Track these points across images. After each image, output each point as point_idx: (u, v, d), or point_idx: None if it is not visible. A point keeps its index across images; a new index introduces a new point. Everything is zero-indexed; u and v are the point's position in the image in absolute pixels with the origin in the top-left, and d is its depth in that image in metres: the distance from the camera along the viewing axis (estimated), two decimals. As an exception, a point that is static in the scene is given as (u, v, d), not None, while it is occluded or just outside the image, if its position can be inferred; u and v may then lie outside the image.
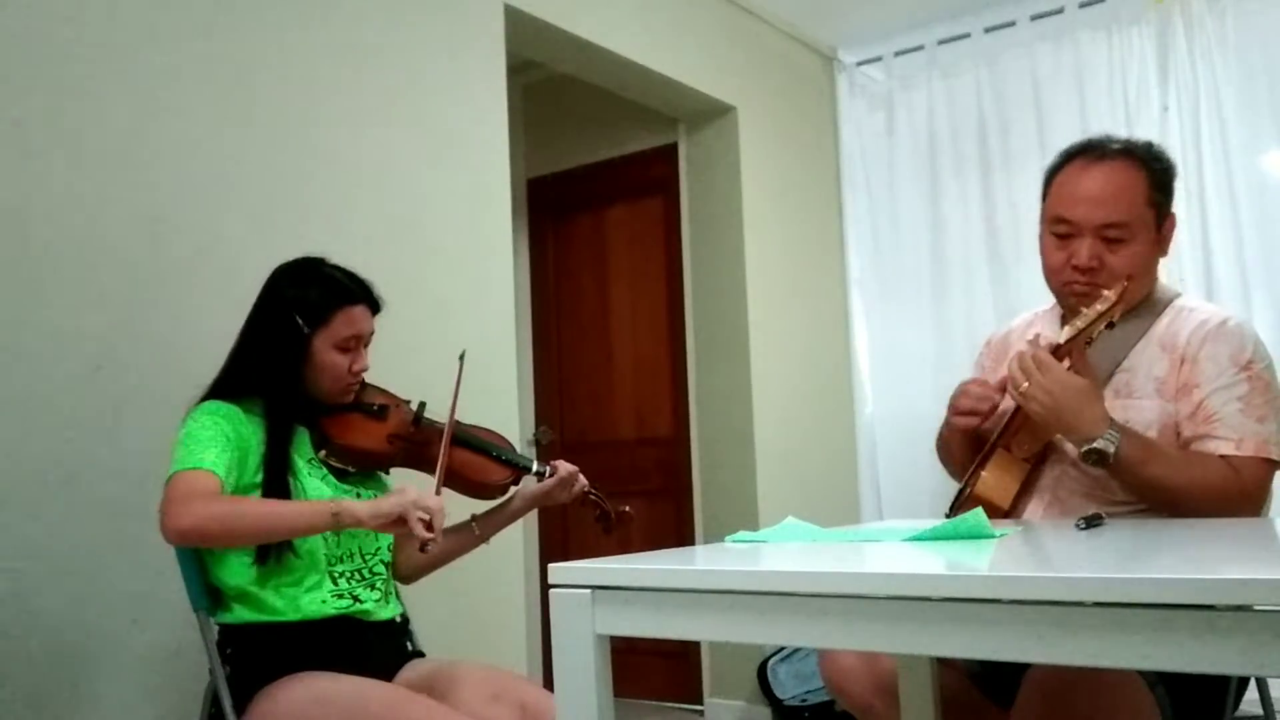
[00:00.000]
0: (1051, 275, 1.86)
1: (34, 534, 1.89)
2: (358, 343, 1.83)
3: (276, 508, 1.65)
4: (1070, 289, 1.82)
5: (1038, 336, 1.89)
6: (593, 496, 1.99)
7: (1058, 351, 1.74)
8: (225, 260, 2.23)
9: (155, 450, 1.87)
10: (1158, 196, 1.80)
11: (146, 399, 2.05)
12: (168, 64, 2.19)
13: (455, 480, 1.91)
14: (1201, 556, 1.13)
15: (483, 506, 2.00)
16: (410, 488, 1.67)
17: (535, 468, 1.95)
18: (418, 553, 1.96)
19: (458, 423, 1.91)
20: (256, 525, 1.61)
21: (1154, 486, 1.69)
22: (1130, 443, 1.67)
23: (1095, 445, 1.65)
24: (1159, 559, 1.12)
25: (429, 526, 1.62)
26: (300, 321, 1.77)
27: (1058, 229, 1.82)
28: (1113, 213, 1.76)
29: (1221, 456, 1.70)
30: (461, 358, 1.92)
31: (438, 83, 2.79)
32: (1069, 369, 1.72)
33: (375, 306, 1.86)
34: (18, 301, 1.91)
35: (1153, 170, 1.80)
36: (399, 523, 1.62)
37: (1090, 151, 1.82)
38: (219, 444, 1.66)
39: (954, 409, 1.90)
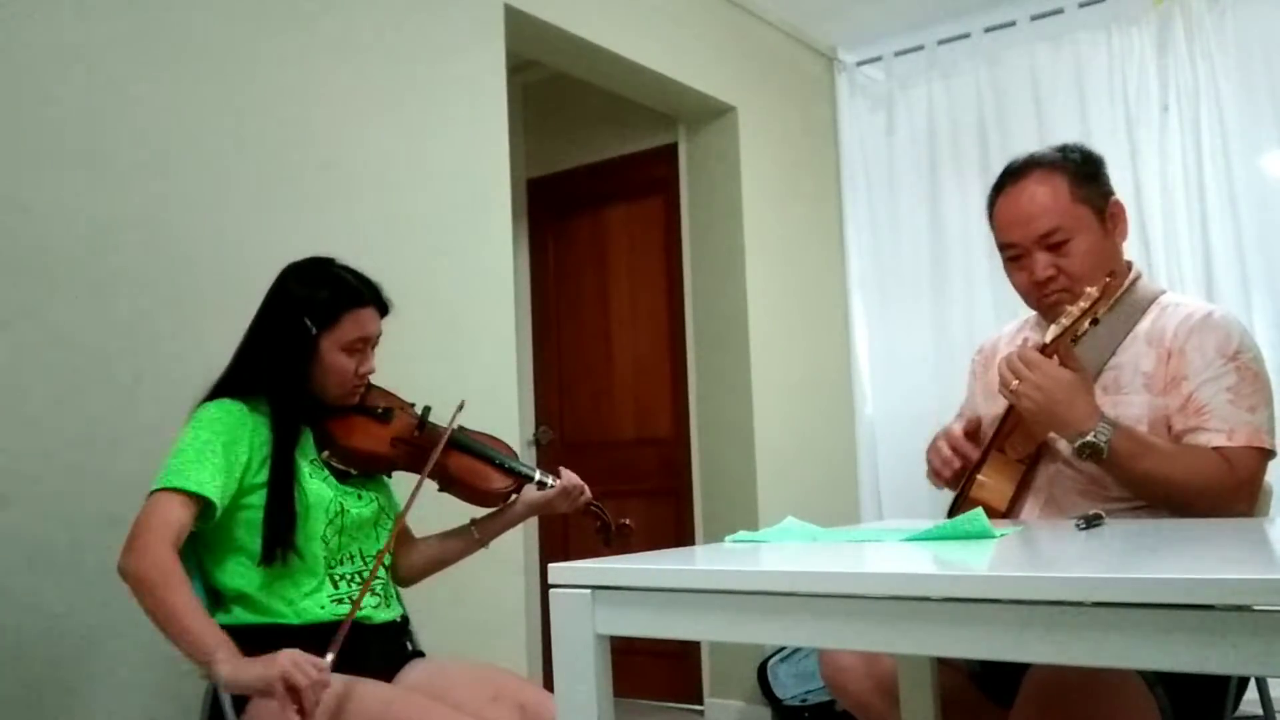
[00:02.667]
0: (1024, 296, 1.93)
1: (35, 534, 1.89)
2: (365, 345, 1.82)
3: (184, 615, 1.54)
4: (1044, 302, 1.87)
5: (1026, 340, 1.91)
6: (594, 508, 1.99)
7: (1044, 350, 1.75)
8: (226, 262, 2.23)
9: (155, 451, 1.87)
10: (1082, 191, 1.84)
11: (146, 400, 2.05)
12: (168, 67, 2.19)
13: (456, 486, 1.92)
14: (1201, 556, 1.13)
15: (483, 510, 2.00)
16: (285, 653, 1.47)
17: (538, 477, 1.95)
18: (416, 555, 1.98)
19: (461, 428, 1.92)
20: (161, 616, 1.55)
21: (1148, 480, 1.70)
22: (1122, 436, 1.67)
23: (1088, 439, 1.66)
24: (1159, 559, 1.12)
25: (300, 701, 1.43)
26: (308, 323, 1.76)
27: (1008, 254, 1.90)
28: (1043, 223, 1.82)
29: (1215, 448, 1.70)
30: (460, 407, 1.91)
31: (438, 83, 2.79)
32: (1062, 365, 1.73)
33: (384, 309, 1.85)
34: (19, 304, 1.91)
35: (1069, 169, 1.85)
36: (264, 694, 1.47)
37: (1009, 176, 1.91)
38: (213, 455, 1.64)
39: (928, 461, 1.95)
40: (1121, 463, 1.68)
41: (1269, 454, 1.73)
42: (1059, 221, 1.81)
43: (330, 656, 1.53)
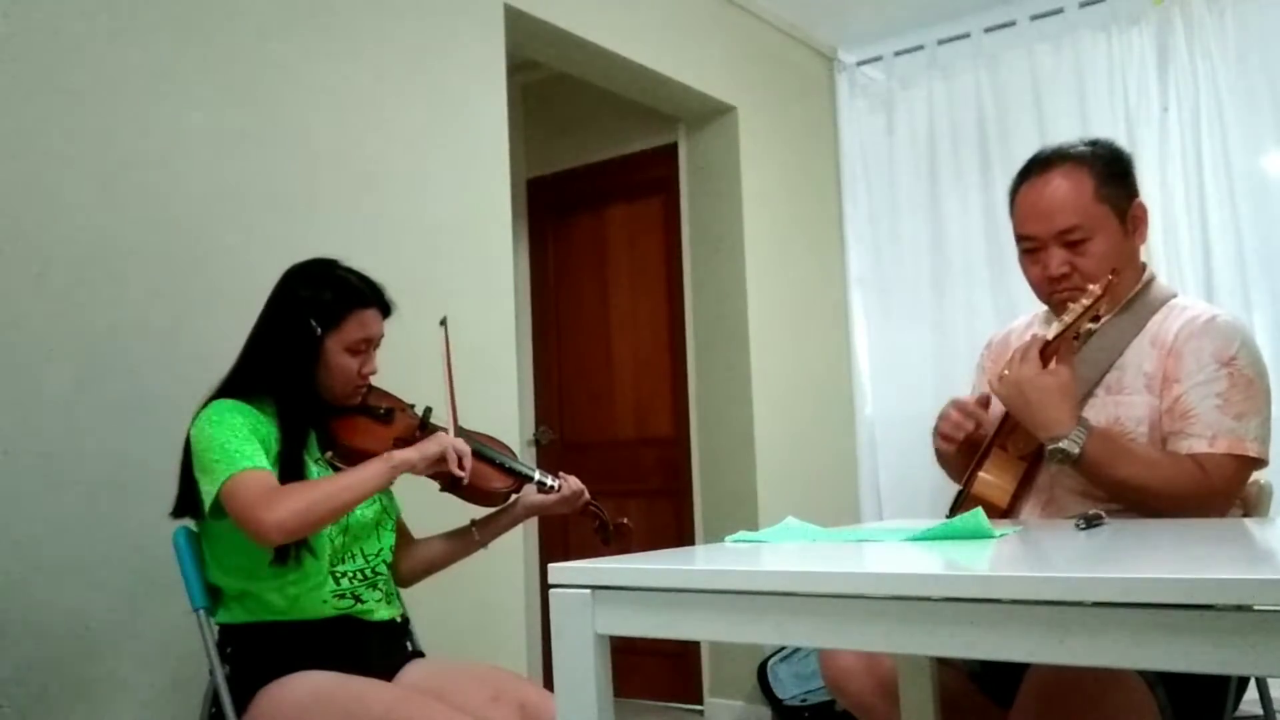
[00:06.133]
0: (1035, 289, 1.92)
1: (36, 535, 1.89)
2: (368, 345, 1.83)
3: (343, 481, 1.69)
4: (1054, 298, 1.86)
5: (1034, 337, 1.90)
6: (592, 508, 2.00)
7: (1047, 348, 1.75)
8: (226, 261, 2.23)
9: (158, 452, 1.87)
10: (1107, 190, 1.82)
11: (149, 400, 2.05)
12: (168, 68, 2.19)
13: (456, 487, 1.91)
14: (1201, 556, 1.13)
15: (483, 511, 2.00)
16: (441, 434, 1.82)
17: (537, 477, 1.95)
18: (416, 556, 1.98)
19: (461, 428, 1.92)
20: (338, 502, 1.66)
21: (1121, 486, 1.70)
22: (1097, 444, 1.68)
23: (1059, 445, 1.68)
24: (1159, 559, 1.12)
25: (462, 466, 1.79)
26: (313, 323, 1.77)
27: (1024, 245, 1.88)
28: (1062, 220, 1.81)
29: (1192, 455, 1.71)
30: (443, 323, 1.93)
31: (438, 83, 2.79)
32: (1056, 364, 1.73)
33: (386, 310, 1.86)
34: (20, 302, 1.91)
35: (1096, 167, 1.83)
36: (440, 461, 1.77)
37: (1034, 166, 1.88)
38: (252, 441, 1.67)
39: (936, 431, 1.93)
40: (1095, 468, 1.69)
41: (1253, 462, 1.73)
42: (1079, 220, 1.80)
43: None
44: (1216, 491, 1.70)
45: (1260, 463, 1.74)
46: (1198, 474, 1.69)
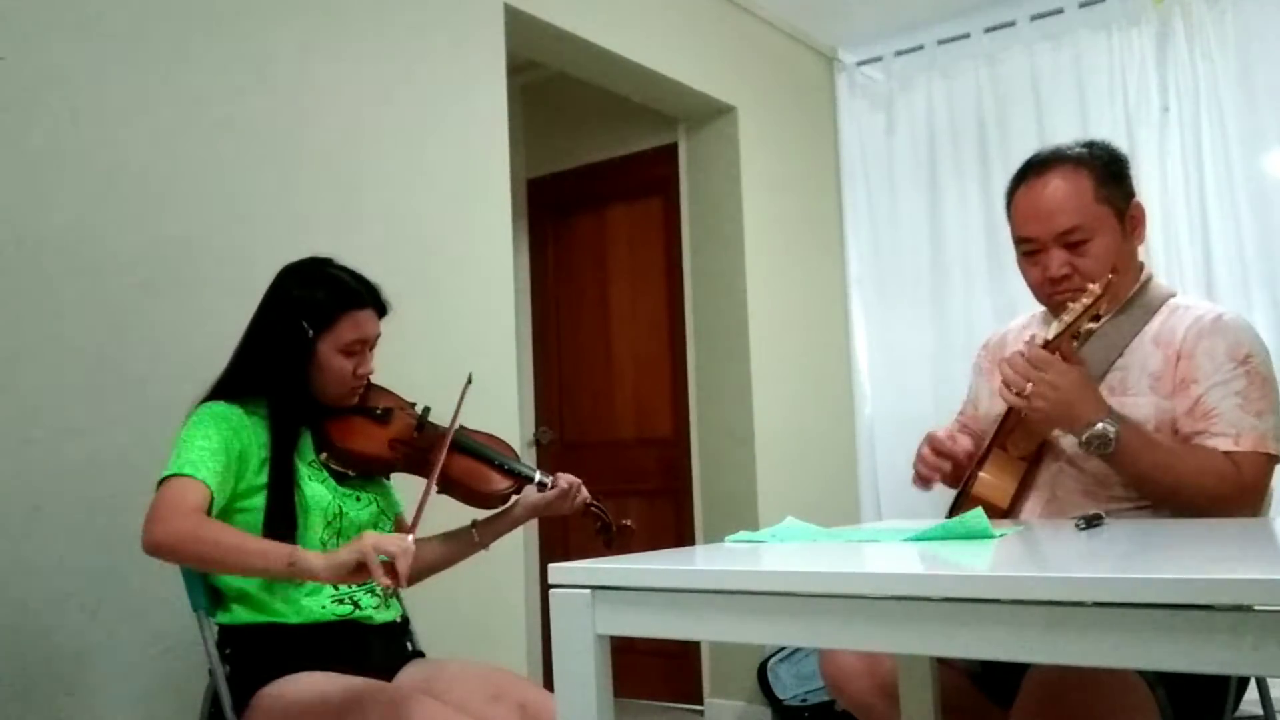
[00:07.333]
0: (1035, 291, 1.91)
1: (35, 533, 1.89)
2: (363, 346, 1.81)
3: (241, 543, 1.57)
4: (1054, 299, 1.85)
5: (1033, 337, 1.90)
6: (594, 508, 1.98)
7: (1046, 348, 1.75)
8: (226, 262, 2.23)
9: (154, 450, 1.87)
10: (1106, 191, 1.82)
11: (146, 400, 2.05)
12: (168, 69, 2.19)
13: (456, 488, 1.90)
14: (1201, 556, 1.13)
15: (484, 513, 1.99)
16: (369, 534, 1.54)
17: (538, 478, 1.93)
18: (416, 557, 1.97)
19: (461, 428, 1.91)
20: (218, 556, 1.56)
21: (1154, 476, 1.69)
22: (1129, 430, 1.67)
23: (1096, 429, 1.66)
24: (1159, 559, 1.12)
25: (391, 569, 1.50)
26: (305, 325, 1.75)
27: (1023, 247, 1.88)
28: (1063, 220, 1.80)
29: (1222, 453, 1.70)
30: (469, 381, 1.90)
31: (437, 83, 2.79)
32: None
33: (382, 309, 1.84)
34: (19, 305, 1.91)
35: (1094, 168, 1.83)
36: (359, 571, 1.50)
37: (1032, 168, 1.88)
38: (214, 451, 1.64)
39: (916, 468, 1.93)
40: (1129, 454, 1.67)
41: (1276, 459, 1.72)
42: (1080, 220, 1.80)
43: (411, 538, 1.56)
44: (1248, 487, 1.69)
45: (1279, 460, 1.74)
46: (1231, 468, 1.68)
